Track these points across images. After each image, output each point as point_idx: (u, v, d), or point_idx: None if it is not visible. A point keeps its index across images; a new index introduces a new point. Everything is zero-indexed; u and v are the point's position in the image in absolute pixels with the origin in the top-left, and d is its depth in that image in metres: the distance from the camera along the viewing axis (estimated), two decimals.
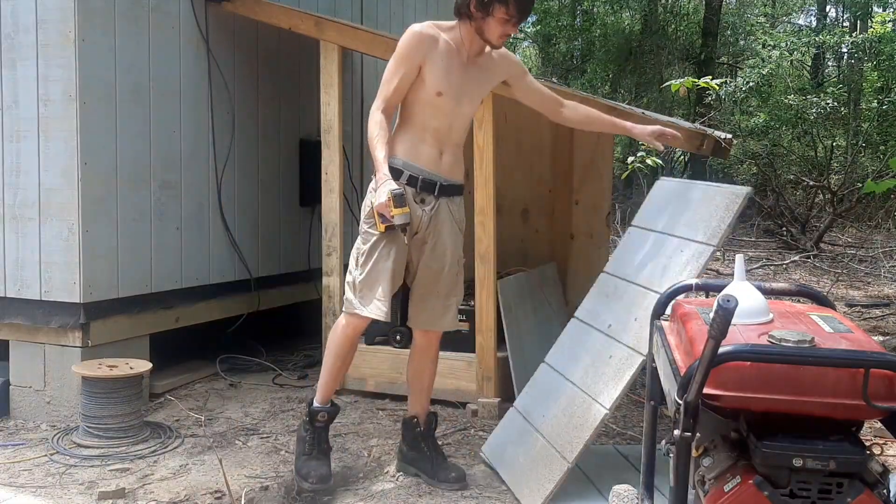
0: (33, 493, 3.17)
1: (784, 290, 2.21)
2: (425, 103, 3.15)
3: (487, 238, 4.19)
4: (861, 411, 1.60)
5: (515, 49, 23.44)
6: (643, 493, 2.31)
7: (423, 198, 3.16)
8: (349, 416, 4.13)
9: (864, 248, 12.02)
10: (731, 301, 1.54)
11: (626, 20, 19.90)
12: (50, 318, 3.93)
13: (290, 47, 5.22)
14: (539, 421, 3.36)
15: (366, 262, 3.13)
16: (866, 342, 1.74)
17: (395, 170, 3.09)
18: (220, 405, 4.29)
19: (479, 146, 4.18)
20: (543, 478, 3.10)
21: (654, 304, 2.24)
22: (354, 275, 3.17)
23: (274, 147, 5.21)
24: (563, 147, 5.58)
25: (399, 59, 3.12)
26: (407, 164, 3.14)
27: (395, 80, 3.11)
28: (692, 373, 1.63)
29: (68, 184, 3.87)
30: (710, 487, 1.73)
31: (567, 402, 3.27)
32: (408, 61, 3.11)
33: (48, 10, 3.85)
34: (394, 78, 3.11)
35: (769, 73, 13.90)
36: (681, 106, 15.90)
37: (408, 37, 3.14)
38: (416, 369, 3.47)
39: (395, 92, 3.12)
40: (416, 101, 3.16)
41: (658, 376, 2.07)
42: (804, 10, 23.86)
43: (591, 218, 5.57)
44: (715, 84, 5.42)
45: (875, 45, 14.22)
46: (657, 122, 3.99)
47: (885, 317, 7.19)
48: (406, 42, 3.13)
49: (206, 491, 3.19)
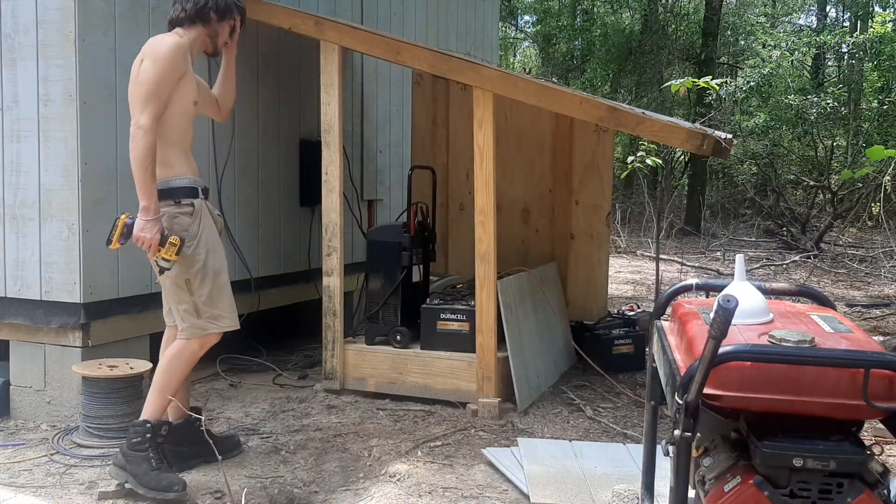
0: (33, 493, 3.17)
1: (784, 290, 2.21)
2: (184, 114, 3.24)
3: (487, 238, 4.19)
4: (861, 411, 1.60)
5: (516, 49, 23.46)
6: (643, 493, 2.31)
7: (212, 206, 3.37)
8: (349, 416, 4.13)
9: (864, 248, 12.02)
10: (731, 301, 1.54)
11: (626, 20, 19.91)
12: (50, 318, 3.93)
13: (290, 47, 5.22)
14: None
15: (203, 282, 3.22)
16: (866, 342, 1.74)
17: (188, 189, 3.23)
18: (221, 405, 4.29)
19: (479, 146, 4.18)
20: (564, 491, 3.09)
21: (655, 304, 2.24)
22: (192, 300, 3.22)
23: (274, 147, 5.21)
24: (563, 147, 5.59)
25: (167, 71, 3.13)
26: (196, 181, 3.30)
27: (164, 94, 3.13)
28: (692, 373, 1.63)
29: (68, 184, 3.86)
30: (711, 487, 1.73)
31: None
32: (175, 74, 3.16)
33: (48, 10, 3.85)
34: (163, 91, 3.13)
35: (769, 73, 13.91)
36: (681, 106, 15.92)
37: (173, 49, 3.16)
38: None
39: (163, 106, 3.14)
40: (178, 115, 3.22)
41: (658, 376, 2.07)
42: (804, 10, 23.86)
43: (591, 218, 5.58)
44: (715, 84, 5.42)
45: (875, 45, 14.23)
46: (657, 122, 3.99)
47: (885, 317, 7.19)
48: (173, 54, 3.15)
49: (206, 491, 3.19)
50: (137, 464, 3.14)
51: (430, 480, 3.30)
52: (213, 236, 3.29)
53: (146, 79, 3.12)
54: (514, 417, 4.11)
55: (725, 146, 3.80)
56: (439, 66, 4.26)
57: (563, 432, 3.93)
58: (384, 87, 6.34)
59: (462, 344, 4.29)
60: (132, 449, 3.18)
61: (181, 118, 3.24)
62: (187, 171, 3.29)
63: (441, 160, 5.84)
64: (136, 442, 3.18)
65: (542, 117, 5.52)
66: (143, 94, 3.10)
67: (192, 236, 3.19)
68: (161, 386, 3.24)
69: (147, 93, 3.10)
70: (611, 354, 5.03)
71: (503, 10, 16.68)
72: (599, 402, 4.43)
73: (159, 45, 3.18)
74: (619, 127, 4.12)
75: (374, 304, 4.52)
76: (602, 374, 4.69)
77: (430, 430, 3.92)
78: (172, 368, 3.26)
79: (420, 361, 4.36)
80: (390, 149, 6.43)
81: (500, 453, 3.53)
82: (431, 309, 4.40)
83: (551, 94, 4.12)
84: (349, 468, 3.45)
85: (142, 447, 3.17)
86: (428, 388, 4.34)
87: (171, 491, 3.08)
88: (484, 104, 4.15)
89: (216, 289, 3.26)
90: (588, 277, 5.62)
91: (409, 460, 3.52)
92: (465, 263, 5.29)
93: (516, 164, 5.66)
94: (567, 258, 5.63)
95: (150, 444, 3.18)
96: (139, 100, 3.11)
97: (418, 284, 4.64)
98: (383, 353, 4.45)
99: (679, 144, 4.06)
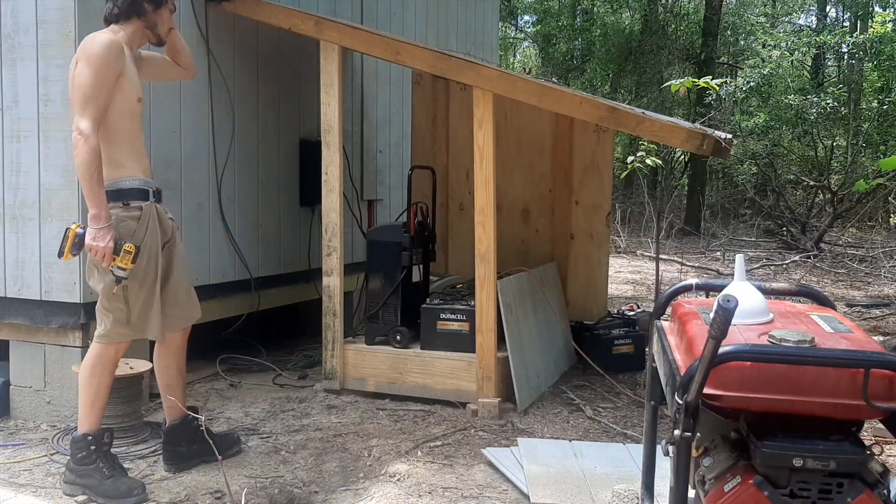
0: (33, 493, 3.17)
1: (784, 290, 2.21)
2: (129, 112, 3.14)
3: (487, 238, 4.19)
4: (861, 411, 1.60)
5: (516, 49, 23.46)
6: (643, 493, 2.31)
7: (165, 208, 3.28)
8: (349, 416, 4.13)
9: (864, 248, 12.02)
10: (731, 301, 1.54)
11: (626, 20, 19.91)
12: (50, 318, 3.93)
13: (290, 47, 5.22)
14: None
15: (140, 289, 3.14)
16: (866, 342, 1.74)
17: (138, 191, 3.14)
18: (220, 405, 4.29)
19: (479, 146, 4.18)
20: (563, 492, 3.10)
21: (655, 304, 2.24)
22: (128, 309, 3.13)
23: (274, 147, 5.21)
24: (563, 147, 5.59)
25: (103, 70, 3.04)
26: (147, 182, 3.21)
27: (103, 95, 3.04)
28: (692, 373, 1.63)
29: (68, 184, 3.86)
30: (711, 487, 1.73)
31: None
32: (111, 73, 3.05)
33: (48, 10, 3.85)
34: (101, 92, 3.03)
35: (769, 73, 13.91)
36: (681, 106, 15.92)
37: (105, 47, 3.05)
38: (180, 368, 3.45)
39: (103, 107, 3.05)
40: (122, 113, 3.13)
41: (658, 376, 2.07)
42: (804, 10, 23.86)
43: (591, 218, 5.58)
44: (715, 84, 5.42)
45: (875, 45, 14.23)
46: (657, 122, 3.99)
47: (885, 317, 7.19)
48: (106, 53, 3.05)
49: (206, 491, 3.19)
50: (89, 476, 3.13)
51: (430, 480, 3.30)
52: (156, 242, 3.18)
53: (81, 82, 3.03)
54: (514, 417, 4.11)
55: (725, 146, 3.79)
56: (439, 66, 4.26)
57: (563, 432, 3.93)
58: (384, 87, 6.34)
59: (462, 344, 4.29)
60: (79, 464, 3.16)
61: (126, 116, 3.14)
62: (137, 171, 3.18)
63: (441, 160, 5.84)
64: (81, 457, 3.15)
65: (542, 117, 5.52)
66: (80, 98, 3.02)
67: (137, 242, 3.09)
68: (90, 397, 3.18)
69: (84, 96, 3.01)
70: (611, 354, 5.03)
71: (503, 10, 16.68)
72: (599, 402, 4.43)
73: (91, 45, 3.06)
74: (619, 127, 4.12)
75: (374, 304, 4.52)
76: (602, 374, 4.69)
77: (430, 430, 3.92)
78: (95, 376, 3.18)
79: (420, 361, 4.36)
80: (390, 149, 6.43)
81: (500, 453, 3.53)
82: (431, 309, 4.40)
83: (551, 94, 4.12)
84: (349, 468, 3.45)
85: (89, 460, 3.15)
86: (428, 388, 4.34)
87: (131, 496, 3.07)
88: (484, 104, 4.15)
89: (151, 297, 3.16)
90: (588, 277, 5.62)
91: (409, 460, 3.52)
92: (465, 263, 5.29)
93: (516, 164, 5.66)
94: (567, 258, 5.63)
95: (97, 454, 3.16)
96: (77, 104, 3.03)
97: (418, 284, 4.64)
98: (383, 353, 4.45)
99: (679, 144, 4.06)
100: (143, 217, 3.13)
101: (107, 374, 3.21)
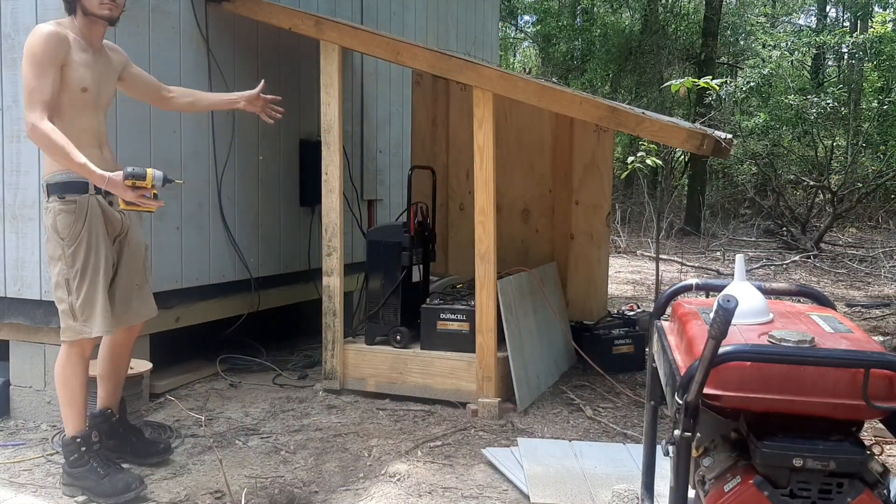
0: (33, 493, 3.17)
1: (784, 290, 2.21)
2: (73, 103, 3.13)
3: (487, 238, 4.19)
4: (861, 411, 1.60)
5: (516, 49, 23.48)
6: (643, 493, 2.31)
7: (111, 200, 3.19)
8: (349, 416, 4.13)
9: (864, 248, 12.03)
10: (731, 301, 1.54)
11: (626, 20, 19.91)
12: (50, 318, 3.93)
13: (290, 47, 5.22)
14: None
15: (80, 283, 3.10)
16: (866, 342, 1.74)
17: (74, 183, 3.09)
18: (220, 405, 4.29)
19: (479, 146, 4.18)
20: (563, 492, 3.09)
21: (655, 304, 2.24)
22: (70, 300, 3.11)
23: (274, 147, 5.21)
24: (563, 147, 5.59)
25: (43, 62, 3.03)
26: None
27: (46, 84, 3.03)
28: (692, 373, 1.63)
29: None
30: (710, 487, 1.73)
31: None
32: (50, 62, 3.04)
33: (48, 10, 3.84)
34: (44, 82, 3.03)
35: (769, 73, 13.91)
36: (681, 106, 15.92)
37: (43, 39, 3.05)
38: (115, 365, 3.42)
39: (50, 97, 3.04)
40: (67, 104, 3.11)
41: (658, 376, 2.07)
42: (804, 10, 23.87)
43: (591, 218, 5.58)
44: (715, 84, 5.42)
45: (875, 45, 14.24)
46: (657, 122, 3.99)
47: (885, 317, 7.19)
48: (44, 44, 3.04)
49: (206, 491, 3.19)
50: (85, 477, 3.13)
51: (430, 480, 3.30)
52: (97, 234, 3.14)
53: (23, 74, 3.06)
54: (513, 417, 4.11)
55: (725, 146, 3.79)
56: (439, 66, 4.26)
57: (563, 432, 3.93)
58: (384, 87, 6.34)
59: (462, 344, 4.29)
60: (73, 467, 3.16)
61: (68, 107, 3.12)
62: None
63: (441, 160, 5.84)
64: (74, 460, 3.16)
65: (542, 117, 5.52)
66: (25, 92, 3.05)
67: (73, 237, 3.07)
68: (67, 399, 3.17)
69: (29, 90, 3.03)
70: (611, 354, 5.03)
71: (503, 10, 16.69)
72: (599, 402, 4.43)
73: (30, 39, 3.08)
74: (619, 127, 4.12)
75: (374, 304, 4.52)
76: (602, 374, 4.69)
77: (430, 430, 3.92)
78: (67, 377, 3.17)
79: (420, 361, 4.36)
80: (390, 149, 6.43)
81: (500, 453, 3.54)
82: (431, 309, 4.40)
83: (551, 94, 4.12)
84: (349, 468, 3.45)
85: (81, 462, 3.15)
86: (428, 388, 4.34)
87: (129, 491, 3.08)
88: (484, 104, 4.15)
89: (93, 291, 3.12)
90: (588, 277, 5.62)
91: (409, 460, 3.52)
92: (465, 263, 5.29)
93: (516, 164, 5.66)
94: (567, 258, 5.63)
95: (88, 454, 3.16)
96: (24, 98, 3.07)
97: (418, 284, 4.64)
98: (383, 353, 4.45)
99: (679, 144, 4.06)
100: (77, 210, 3.10)
101: (77, 373, 3.18)
